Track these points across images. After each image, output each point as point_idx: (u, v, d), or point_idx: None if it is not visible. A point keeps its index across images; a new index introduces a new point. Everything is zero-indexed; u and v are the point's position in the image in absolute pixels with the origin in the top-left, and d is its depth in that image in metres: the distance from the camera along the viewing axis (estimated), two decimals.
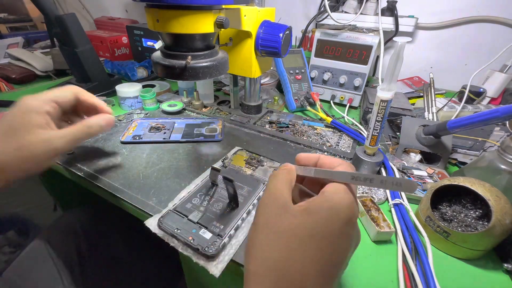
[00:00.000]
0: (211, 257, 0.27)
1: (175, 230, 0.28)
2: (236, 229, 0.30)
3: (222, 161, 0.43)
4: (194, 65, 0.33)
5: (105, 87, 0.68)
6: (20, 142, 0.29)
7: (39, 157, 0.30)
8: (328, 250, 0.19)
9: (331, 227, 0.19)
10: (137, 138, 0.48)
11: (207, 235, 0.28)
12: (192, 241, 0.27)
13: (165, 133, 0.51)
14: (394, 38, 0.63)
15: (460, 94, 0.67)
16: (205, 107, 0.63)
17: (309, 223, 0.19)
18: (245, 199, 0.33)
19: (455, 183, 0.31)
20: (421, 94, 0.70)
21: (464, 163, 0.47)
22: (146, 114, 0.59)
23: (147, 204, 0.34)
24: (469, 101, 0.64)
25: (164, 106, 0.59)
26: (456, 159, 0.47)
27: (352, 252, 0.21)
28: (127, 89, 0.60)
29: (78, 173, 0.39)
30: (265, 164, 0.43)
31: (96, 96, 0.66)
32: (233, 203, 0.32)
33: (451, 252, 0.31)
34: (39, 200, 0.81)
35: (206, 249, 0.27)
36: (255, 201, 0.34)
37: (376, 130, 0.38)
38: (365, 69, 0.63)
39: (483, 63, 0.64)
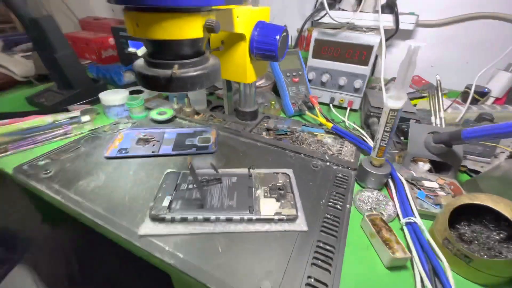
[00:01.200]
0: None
1: None
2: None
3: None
4: (182, 75, 0.29)
5: (89, 94, 0.63)
6: None
7: None
8: None
9: None
10: (123, 151, 0.44)
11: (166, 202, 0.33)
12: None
13: (154, 145, 0.47)
14: (407, 41, 0.60)
15: (464, 94, 0.64)
16: (198, 113, 0.59)
17: None
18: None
19: (476, 202, 0.28)
20: (424, 95, 0.68)
21: (474, 170, 0.44)
22: (134, 123, 0.55)
23: (133, 233, 0.30)
24: (473, 101, 0.62)
25: (153, 115, 0.55)
26: (465, 166, 0.45)
27: None
28: (112, 97, 0.55)
29: (56, 197, 0.35)
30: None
31: (80, 104, 0.62)
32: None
33: (472, 277, 0.28)
34: (26, 211, 0.76)
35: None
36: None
37: (384, 141, 0.35)
38: (365, 70, 0.60)
39: (486, 61, 0.61)
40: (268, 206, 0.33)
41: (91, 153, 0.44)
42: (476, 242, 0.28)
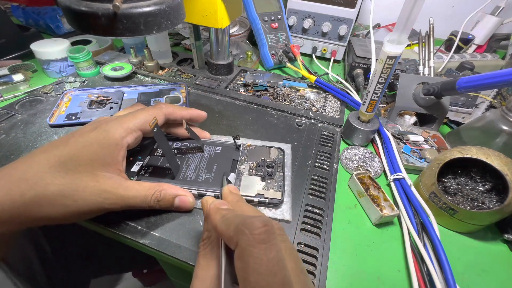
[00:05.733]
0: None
1: None
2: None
3: None
4: (129, 11, 0.21)
5: (17, 45, 0.50)
6: (76, 184, 0.21)
7: (79, 214, 0.22)
8: None
9: None
10: (73, 118, 0.37)
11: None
12: None
13: (112, 108, 0.39)
14: None
15: (448, 42, 0.62)
16: (162, 68, 0.50)
17: None
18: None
19: (467, 155, 0.27)
20: (408, 43, 0.64)
21: (454, 122, 0.44)
22: (83, 82, 0.45)
23: None
24: (456, 50, 0.60)
25: (107, 71, 0.45)
26: (447, 118, 0.44)
27: None
28: (49, 49, 0.44)
29: None
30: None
31: (7, 59, 0.49)
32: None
33: (453, 227, 0.29)
34: None
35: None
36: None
37: (377, 94, 0.32)
38: (352, 13, 0.54)
39: (471, 5, 0.58)
40: (251, 185, 0.29)
41: (31, 121, 0.36)
42: (460, 194, 0.28)
